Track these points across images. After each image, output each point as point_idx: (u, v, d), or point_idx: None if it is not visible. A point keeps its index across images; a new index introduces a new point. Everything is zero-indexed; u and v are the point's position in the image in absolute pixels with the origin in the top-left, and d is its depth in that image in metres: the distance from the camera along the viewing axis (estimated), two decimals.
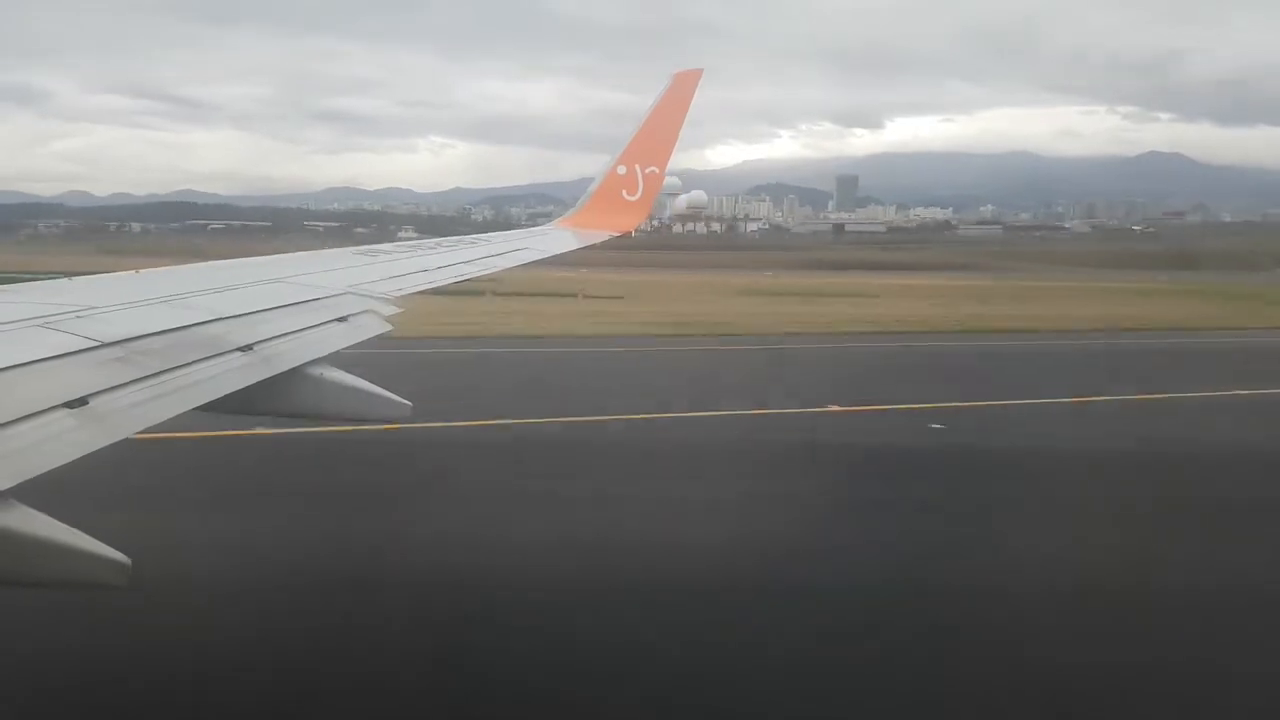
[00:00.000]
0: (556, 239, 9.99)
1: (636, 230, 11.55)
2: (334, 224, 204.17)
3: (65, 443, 2.70)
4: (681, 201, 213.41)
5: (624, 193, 10.92)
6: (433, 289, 6.24)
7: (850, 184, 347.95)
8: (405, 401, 4.28)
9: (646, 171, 10.97)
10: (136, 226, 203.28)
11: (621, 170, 10.95)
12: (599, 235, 10.68)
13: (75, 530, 2.62)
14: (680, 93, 11.13)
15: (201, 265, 6.37)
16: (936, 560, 9.32)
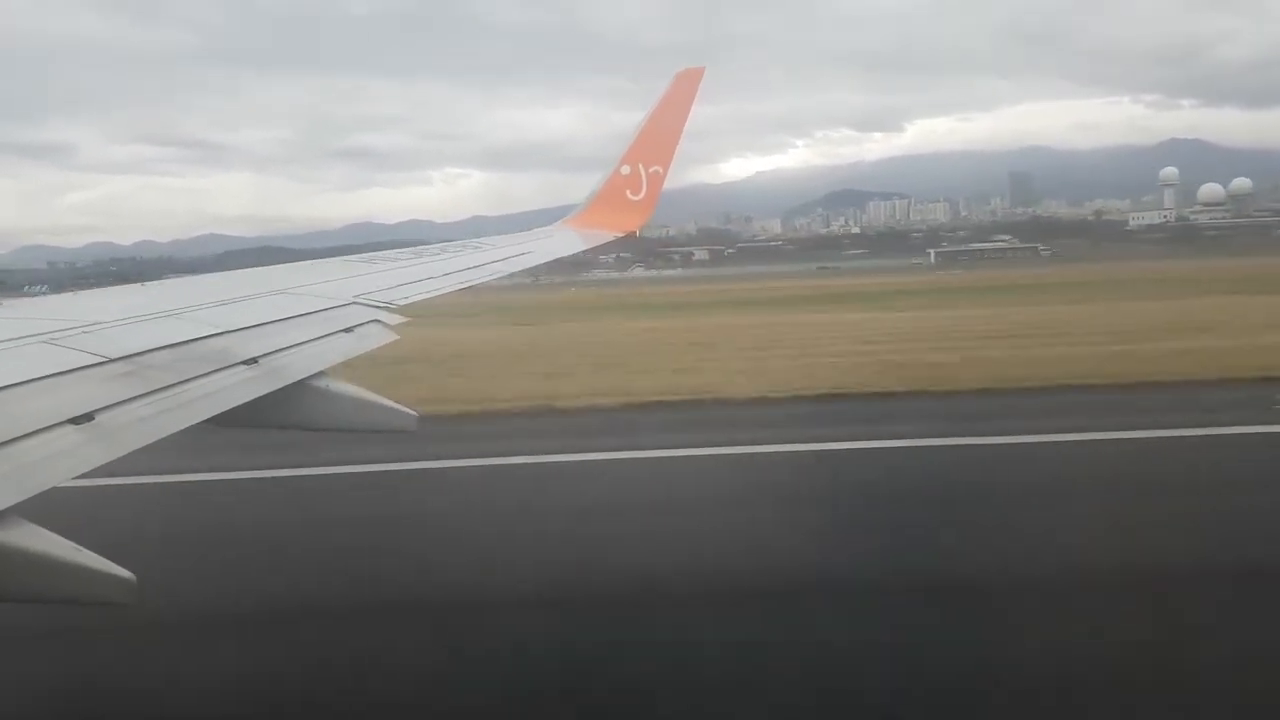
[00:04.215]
0: (562, 241, 9.96)
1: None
2: None
3: (71, 458, 2.71)
4: (1213, 190, 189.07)
5: (628, 193, 10.91)
6: (439, 296, 6.23)
7: (1023, 180, 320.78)
8: (411, 411, 4.26)
9: (650, 171, 10.95)
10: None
11: (625, 170, 10.93)
12: (604, 236, 10.66)
13: (80, 547, 2.63)
14: (683, 92, 11.11)
15: (207, 277, 6.38)
16: None
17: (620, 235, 10.83)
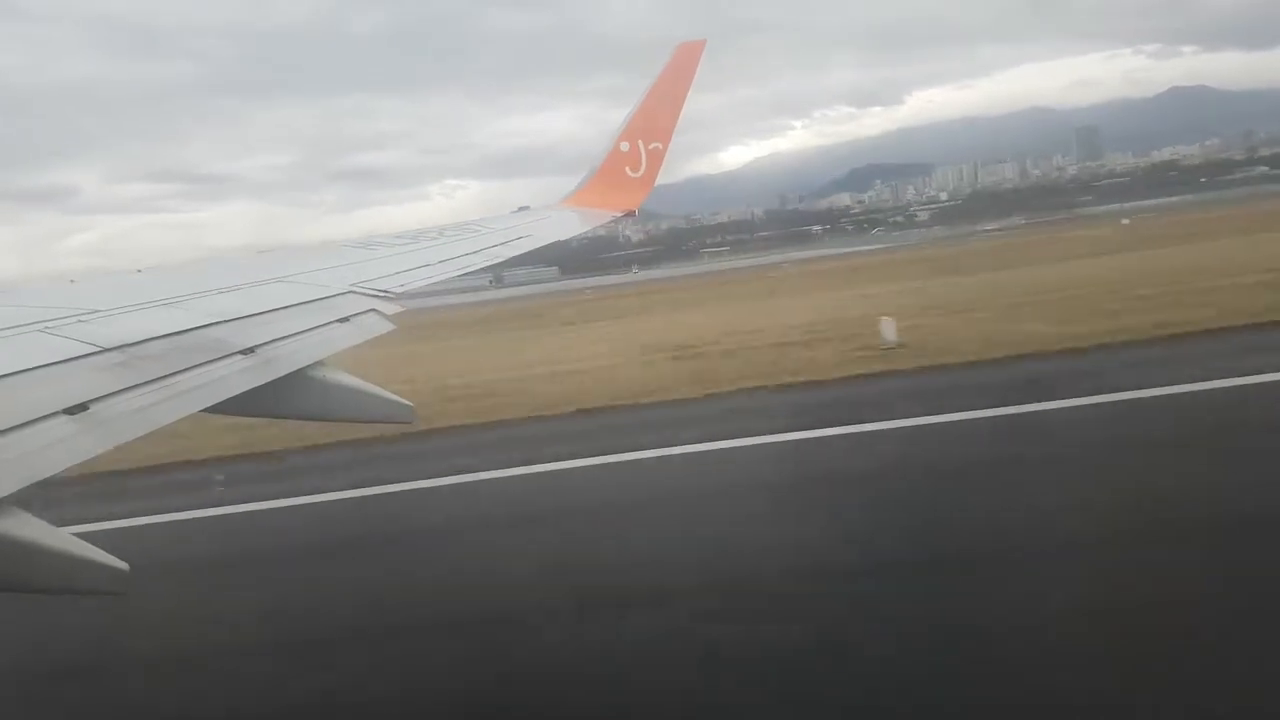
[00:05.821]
0: (561, 222, 9.82)
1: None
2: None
3: (66, 449, 2.73)
4: None
5: (627, 169, 10.74)
6: (437, 283, 6.20)
7: (1089, 135, 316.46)
8: (407, 403, 4.26)
9: (650, 147, 10.76)
10: None
11: (624, 146, 10.75)
12: (604, 215, 10.51)
13: (74, 537, 2.66)
14: (683, 65, 10.91)
15: (204, 263, 6.35)
16: None
17: (620, 214, 10.71)
